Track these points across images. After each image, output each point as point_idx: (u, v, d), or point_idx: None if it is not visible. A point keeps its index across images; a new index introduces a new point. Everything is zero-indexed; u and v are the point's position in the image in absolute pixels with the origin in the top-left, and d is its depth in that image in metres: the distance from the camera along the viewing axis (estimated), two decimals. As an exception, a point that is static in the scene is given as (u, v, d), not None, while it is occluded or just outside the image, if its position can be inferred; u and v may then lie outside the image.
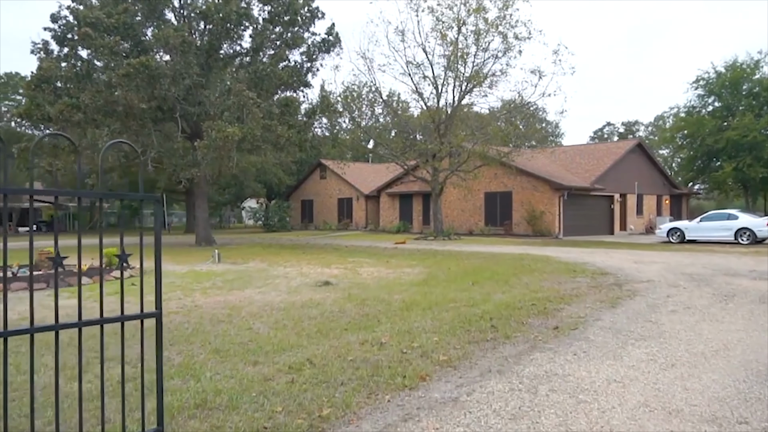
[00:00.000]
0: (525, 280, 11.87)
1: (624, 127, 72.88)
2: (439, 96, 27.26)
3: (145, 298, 3.54)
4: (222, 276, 12.72)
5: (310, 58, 23.74)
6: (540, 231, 29.47)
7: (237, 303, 9.06)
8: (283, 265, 15.28)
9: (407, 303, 8.89)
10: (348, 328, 7.07)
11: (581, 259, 16.24)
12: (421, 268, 14.61)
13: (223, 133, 17.38)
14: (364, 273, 13.42)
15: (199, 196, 22.98)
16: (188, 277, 12.64)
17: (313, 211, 45.71)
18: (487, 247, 21.90)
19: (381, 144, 31.37)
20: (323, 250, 21.14)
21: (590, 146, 38.73)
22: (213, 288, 10.82)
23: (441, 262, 16.23)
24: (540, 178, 29.91)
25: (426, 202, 35.80)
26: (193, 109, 20.25)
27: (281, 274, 13.11)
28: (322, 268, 14.48)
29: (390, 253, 19.57)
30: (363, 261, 16.59)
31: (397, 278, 12.43)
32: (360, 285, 11.20)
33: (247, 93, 18.41)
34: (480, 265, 14.95)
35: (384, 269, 14.31)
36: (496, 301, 8.94)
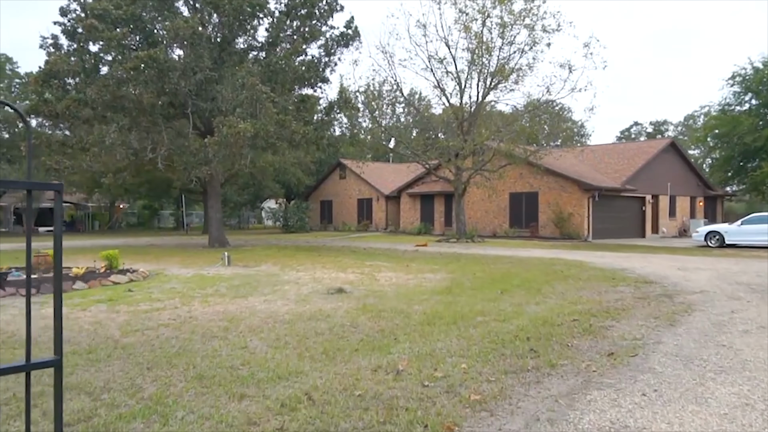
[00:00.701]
0: (559, 288, 10.69)
1: (652, 127, 70.72)
2: (462, 92, 26.11)
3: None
4: (228, 281, 11.77)
5: (328, 52, 22.77)
6: (568, 233, 28.10)
7: (237, 314, 8.07)
8: (295, 269, 14.30)
9: (429, 316, 7.81)
10: (359, 348, 6.01)
11: (618, 265, 14.96)
12: (443, 273, 13.51)
13: (235, 129, 16.47)
14: (382, 279, 12.36)
15: (211, 196, 22.14)
16: (192, 282, 11.71)
17: (332, 211, 44.81)
18: (514, 251, 20.67)
19: (402, 142, 30.26)
20: (340, 253, 20.14)
21: (619, 145, 37.17)
22: (215, 295, 9.86)
23: (465, 267, 15.10)
24: (568, 179, 28.55)
25: (448, 202, 34.62)
26: (205, 105, 19.41)
27: (292, 279, 12.12)
28: (337, 273, 13.46)
29: (410, 257, 18.48)
30: (381, 265, 15.53)
31: (418, 285, 11.34)
32: (376, 293, 10.15)
33: (260, 87, 17.48)
34: (508, 271, 13.78)
35: (403, 275, 13.24)
36: (531, 315, 7.80)
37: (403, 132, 35.85)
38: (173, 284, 11.30)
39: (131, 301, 9.16)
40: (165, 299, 9.39)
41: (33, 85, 18.37)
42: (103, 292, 10.22)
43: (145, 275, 12.52)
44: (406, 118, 59.82)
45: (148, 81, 17.15)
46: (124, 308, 8.59)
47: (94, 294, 9.97)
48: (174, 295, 9.89)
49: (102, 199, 43.16)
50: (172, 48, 19.24)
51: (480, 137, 23.94)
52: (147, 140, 18.58)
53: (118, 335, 6.75)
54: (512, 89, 24.45)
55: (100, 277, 11.49)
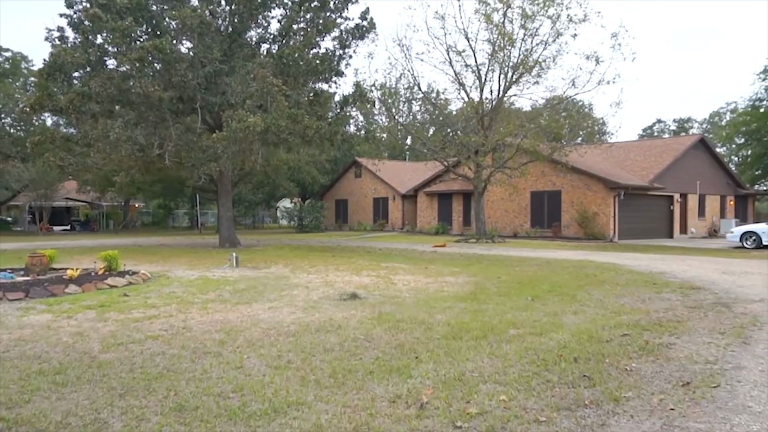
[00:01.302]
0: (596, 295, 9.65)
1: (676, 125, 68.82)
2: (482, 86, 25.02)
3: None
4: (233, 285, 10.89)
5: (342, 44, 21.84)
6: (592, 234, 26.88)
7: (237, 324, 7.16)
8: (307, 272, 13.39)
9: (454, 328, 6.85)
10: (374, 369, 5.07)
11: (655, 268, 13.83)
12: (465, 276, 12.51)
13: (244, 123, 15.62)
14: (399, 282, 11.41)
15: (222, 194, 21.34)
16: (194, 285, 10.85)
17: (347, 211, 43.92)
18: (538, 252, 19.58)
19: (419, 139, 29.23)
20: (355, 253, 19.21)
21: (646, 142, 35.79)
22: (216, 301, 8.97)
23: (488, 269, 14.08)
24: (593, 176, 27.32)
25: (467, 201, 33.53)
26: (215, 99, 18.59)
27: (302, 283, 11.21)
28: (351, 276, 12.53)
29: (429, 258, 17.49)
30: (398, 267, 14.57)
31: (439, 290, 10.37)
32: (393, 299, 9.19)
33: (271, 79, 16.61)
34: (535, 275, 12.75)
35: (422, 278, 12.27)
36: (572, 327, 6.80)
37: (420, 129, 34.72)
38: (174, 288, 10.45)
39: (124, 308, 8.31)
40: (161, 305, 8.53)
41: (37, 78, 17.66)
42: (97, 296, 9.39)
43: (146, 278, 11.70)
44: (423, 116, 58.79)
45: (154, 73, 16.37)
46: (114, 316, 7.73)
47: (86, 299, 9.14)
48: (172, 300, 9.02)
49: (115, 198, 42.71)
50: (180, 40, 18.43)
51: (505, 131, 22.81)
52: (154, 136, 17.80)
53: (98, 350, 5.87)
54: (536, 81, 23.30)
55: (95, 279, 10.67)
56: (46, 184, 37.74)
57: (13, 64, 46.69)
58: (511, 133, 22.76)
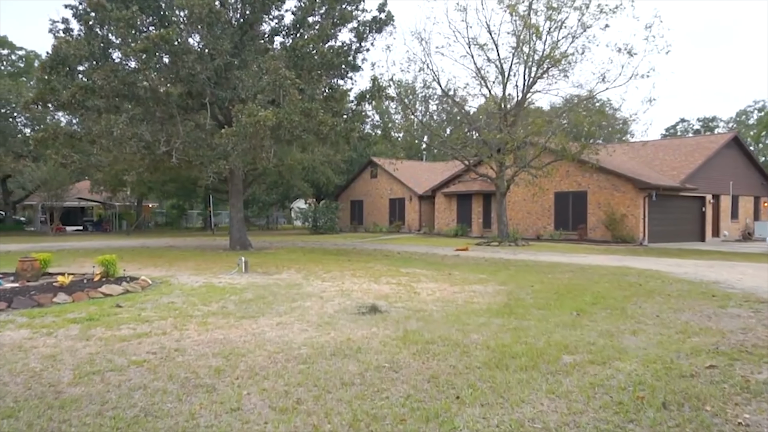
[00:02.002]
0: (649, 309, 8.47)
1: (700, 124, 66.86)
2: (505, 81, 23.81)
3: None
4: (239, 294, 9.85)
5: (359, 37, 20.77)
6: (621, 236, 25.54)
7: (239, 345, 6.11)
8: (321, 278, 12.33)
9: (495, 352, 5.74)
10: (406, 416, 3.98)
11: (704, 276, 12.58)
12: (494, 284, 11.37)
13: (254, 117, 14.61)
14: (423, 292, 10.30)
15: (233, 194, 20.38)
16: (197, 294, 9.83)
17: (362, 212, 42.90)
18: (567, 257, 18.35)
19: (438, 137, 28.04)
20: (372, 257, 18.13)
21: (675, 141, 34.28)
22: (218, 314, 7.93)
23: (517, 276, 12.92)
24: (621, 176, 25.98)
25: (487, 202, 32.33)
26: (225, 94, 17.63)
27: (316, 292, 10.14)
28: (369, 284, 11.45)
29: (451, 263, 16.35)
30: (420, 273, 13.46)
31: (468, 301, 9.26)
32: (419, 313, 8.09)
33: (284, 72, 15.60)
34: (571, 283, 11.57)
35: (448, 286, 11.15)
36: (638, 353, 5.66)
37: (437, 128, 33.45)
38: (174, 297, 9.43)
39: (113, 322, 7.29)
40: (155, 320, 7.51)
41: (39, 72, 16.83)
42: (87, 307, 8.39)
43: (146, 285, 10.71)
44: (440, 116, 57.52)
45: (160, 66, 15.45)
46: (100, 333, 6.72)
47: (74, 310, 8.15)
48: (169, 313, 8.00)
49: (128, 198, 42.05)
50: (190, 33, 17.46)
51: (531, 128, 21.57)
52: (161, 133, 16.86)
53: (68, 381, 4.84)
54: (565, 75, 22.00)
55: (89, 287, 9.70)
56: (57, 183, 37.16)
57: (27, 63, 46.34)
58: (540, 128, 21.51)
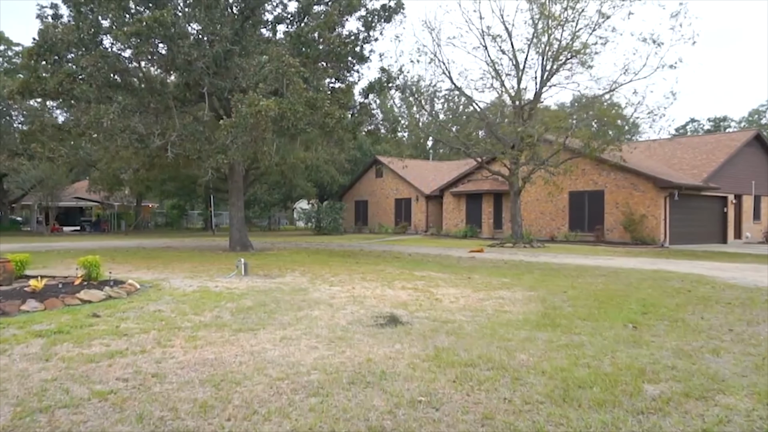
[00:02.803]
0: (713, 320, 7.27)
1: (711, 124, 65.47)
2: (520, 74, 22.57)
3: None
4: (238, 300, 8.65)
5: (367, 26, 19.59)
6: (640, 238, 24.29)
7: (234, 368, 4.92)
8: (329, 282, 11.12)
9: (554, 378, 4.55)
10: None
11: (756, 281, 11.35)
12: (521, 290, 10.16)
13: (255, 107, 13.43)
14: (445, 299, 9.09)
15: (232, 192, 19.18)
16: (189, 301, 8.63)
17: (367, 212, 41.68)
18: (591, 259, 17.11)
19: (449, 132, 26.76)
20: (381, 259, 16.92)
21: (694, 138, 33.03)
22: (211, 326, 6.73)
23: (544, 280, 11.70)
24: (641, 175, 24.74)
25: (498, 202, 31.10)
26: (224, 84, 16.46)
27: (324, 298, 8.94)
28: (382, 288, 10.25)
29: (468, 265, 15.13)
30: (436, 277, 12.25)
31: (499, 310, 8.05)
32: (447, 325, 6.89)
33: (287, 59, 14.43)
34: (608, 288, 10.35)
35: (470, 291, 9.94)
36: (742, 383, 4.46)
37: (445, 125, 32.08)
38: (162, 305, 8.23)
39: (84, 337, 6.10)
40: (136, 333, 6.31)
41: (25, 59, 15.66)
42: (58, 317, 7.20)
43: (133, 289, 9.51)
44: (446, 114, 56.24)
45: (154, 50, 14.29)
46: (65, 351, 5.52)
47: (44, 320, 6.95)
48: (153, 324, 6.80)
49: (126, 198, 40.89)
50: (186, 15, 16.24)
51: (553, 120, 20.33)
52: (155, 125, 15.69)
53: (1, 425, 3.65)
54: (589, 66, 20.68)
55: (65, 293, 8.50)
56: (52, 182, 36.02)
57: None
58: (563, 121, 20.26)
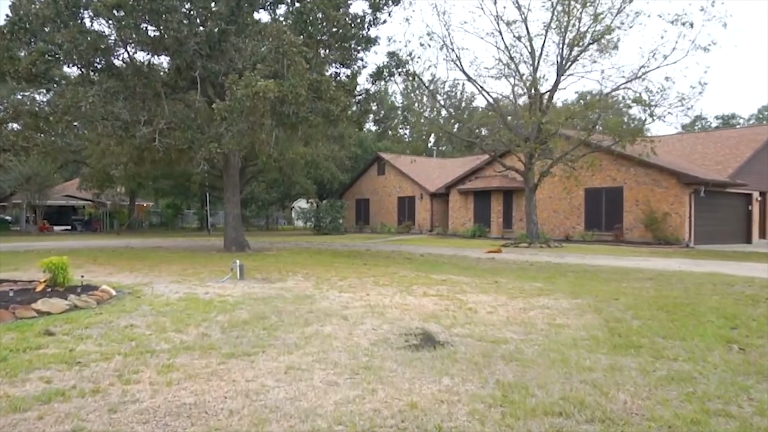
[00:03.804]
0: (830, 338, 5.73)
1: (719, 122, 64.06)
2: (537, 62, 21.03)
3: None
4: (230, 312, 7.10)
5: (374, 7, 18.05)
6: (663, 237, 22.78)
7: (222, 422, 3.37)
8: (338, 287, 9.57)
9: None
10: None
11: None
12: (563, 297, 8.63)
13: (252, 88, 11.89)
14: (480, 308, 7.56)
15: (227, 187, 17.60)
16: (171, 312, 7.07)
17: (369, 211, 40.12)
18: (624, 260, 15.58)
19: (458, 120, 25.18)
20: (392, 260, 15.38)
21: (714, 133, 31.58)
22: (195, 349, 5.17)
23: (583, 285, 10.18)
24: (664, 170, 23.25)
25: (507, 200, 29.57)
26: (218, 67, 14.90)
27: (336, 308, 7.39)
28: (401, 295, 8.71)
29: (489, 267, 13.58)
30: (458, 280, 10.70)
31: (551, 323, 6.53)
32: (498, 346, 5.35)
33: (288, 36, 12.89)
34: (663, 295, 8.83)
35: (506, 299, 8.41)
36: None
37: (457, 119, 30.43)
38: (137, 318, 6.68)
39: (21, 366, 4.55)
40: (94, 360, 4.76)
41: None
42: (2, 334, 5.64)
43: (106, 297, 7.95)
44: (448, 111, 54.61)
45: (138, 26, 12.72)
46: None
47: (-21, 340, 5.39)
48: (120, 346, 5.24)
49: (118, 196, 39.21)
50: None
51: (577, 110, 18.82)
52: (142, 111, 14.12)
53: None
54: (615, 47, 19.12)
55: (20, 302, 6.95)
56: (40, 179, 34.38)
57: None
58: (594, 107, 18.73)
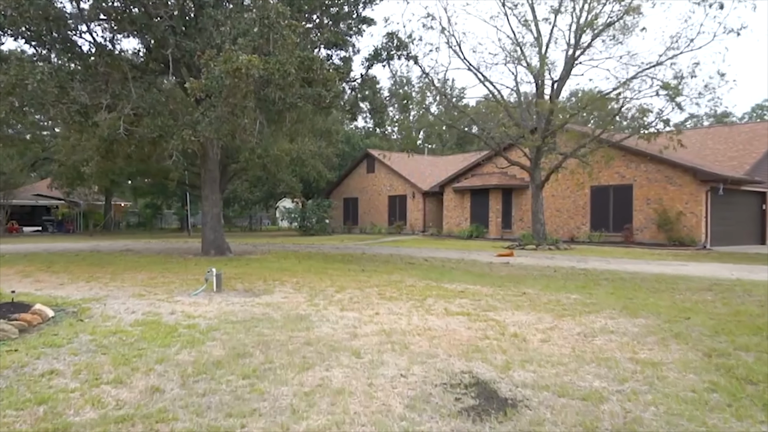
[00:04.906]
0: None
1: (711, 120, 63.15)
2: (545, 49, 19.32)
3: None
4: (199, 344, 5.21)
5: (369, -17, 16.22)
6: (678, 238, 21.21)
7: None
8: (337, 302, 7.71)
9: None
10: None
11: None
12: (619, 315, 6.87)
13: (233, 63, 10.01)
14: (527, 333, 5.78)
15: (205, 182, 15.61)
16: (119, 345, 5.16)
17: (357, 211, 38.24)
18: (650, 265, 13.90)
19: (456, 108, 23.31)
20: (392, 266, 13.52)
21: (724, 128, 30.13)
22: (135, 420, 3.28)
23: (630, 298, 8.44)
24: (678, 166, 21.68)
25: (506, 199, 27.89)
26: (195, 45, 12.95)
27: (341, 337, 5.54)
28: (419, 312, 6.88)
29: (507, 274, 11.79)
30: (478, 291, 8.88)
31: (634, 358, 4.78)
32: (591, 404, 3.54)
33: (275, 5, 11.02)
34: (739, 311, 7.14)
35: (551, 318, 6.63)
36: None
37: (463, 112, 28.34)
38: (64, 358, 4.76)
39: None
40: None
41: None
42: None
43: (37, 320, 6.01)
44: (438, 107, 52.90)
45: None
46: None
47: None
48: (14, 418, 3.34)
49: (90, 194, 36.82)
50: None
51: (598, 97, 17.11)
52: (104, 94, 12.14)
53: None
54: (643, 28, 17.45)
55: None
56: (5, 177, 31.97)
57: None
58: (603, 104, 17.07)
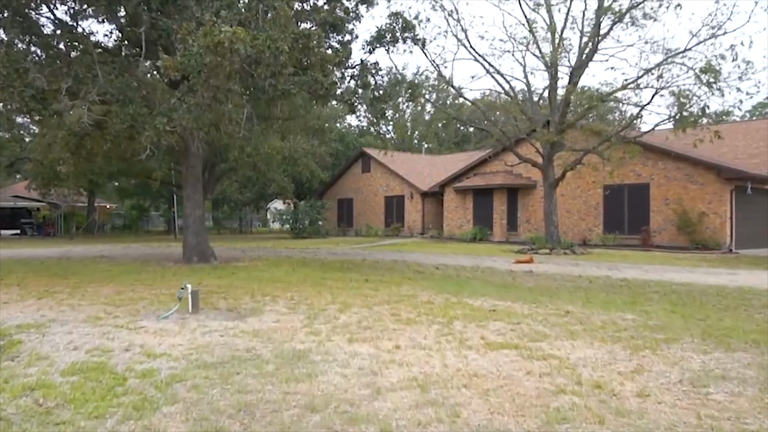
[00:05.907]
0: None
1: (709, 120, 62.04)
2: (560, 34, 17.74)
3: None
4: (152, 410, 3.50)
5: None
6: (701, 241, 19.69)
7: None
8: (343, 327, 6.02)
9: None
10: None
11: None
12: (708, 347, 5.25)
13: (214, 37, 8.33)
14: (612, 381, 4.15)
15: (187, 180, 13.87)
16: (31, 412, 3.44)
17: (352, 212, 36.54)
18: (694, 274, 12.32)
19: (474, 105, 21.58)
20: (400, 275, 11.83)
21: (741, 124, 28.78)
22: None
23: (703, 319, 6.84)
24: (699, 163, 20.23)
25: (512, 199, 26.30)
26: (172, 23, 11.25)
27: (360, 396, 3.86)
28: (452, 345, 5.22)
29: (536, 286, 10.13)
30: (512, 311, 7.23)
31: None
32: None
33: (265, -29, 9.36)
34: None
35: (627, 355, 5.01)
36: None
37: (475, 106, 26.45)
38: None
39: None
40: None
41: None
42: None
43: None
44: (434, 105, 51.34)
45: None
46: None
47: None
48: None
49: (70, 196, 34.87)
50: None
51: (627, 85, 15.49)
52: (66, 77, 10.41)
53: None
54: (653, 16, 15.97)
55: None
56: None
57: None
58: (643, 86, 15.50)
